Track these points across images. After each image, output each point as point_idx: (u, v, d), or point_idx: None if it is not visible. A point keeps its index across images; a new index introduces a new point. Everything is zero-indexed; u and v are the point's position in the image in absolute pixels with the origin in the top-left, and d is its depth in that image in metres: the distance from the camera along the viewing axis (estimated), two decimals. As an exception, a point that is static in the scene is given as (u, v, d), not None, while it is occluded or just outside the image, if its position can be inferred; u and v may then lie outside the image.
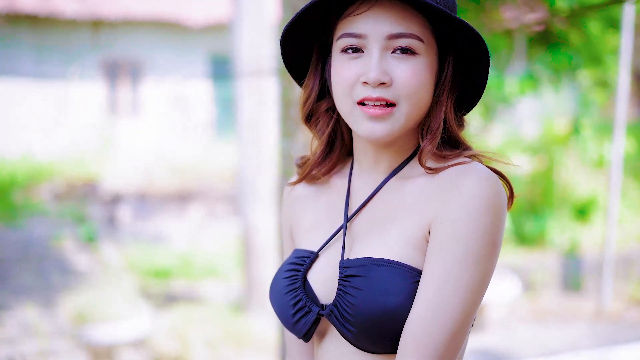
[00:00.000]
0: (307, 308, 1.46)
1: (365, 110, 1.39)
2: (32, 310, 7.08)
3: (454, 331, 1.30)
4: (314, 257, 1.52)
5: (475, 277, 1.31)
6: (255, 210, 7.19)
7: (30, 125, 13.94)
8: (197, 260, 8.70)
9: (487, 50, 1.39)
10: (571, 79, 9.48)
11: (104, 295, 7.33)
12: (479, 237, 1.31)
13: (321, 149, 1.61)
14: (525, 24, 6.18)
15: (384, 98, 1.38)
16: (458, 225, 1.32)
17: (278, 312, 1.53)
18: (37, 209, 10.58)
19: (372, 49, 1.38)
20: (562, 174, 10.05)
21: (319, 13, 1.44)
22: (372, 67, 1.37)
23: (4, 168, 11.96)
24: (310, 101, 1.56)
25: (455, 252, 1.31)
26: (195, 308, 7.31)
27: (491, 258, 1.33)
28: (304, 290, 1.49)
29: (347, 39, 1.41)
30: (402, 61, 1.38)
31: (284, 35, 1.47)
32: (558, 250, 8.70)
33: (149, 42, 15.09)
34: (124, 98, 15.13)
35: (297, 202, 1.69)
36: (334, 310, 1.41)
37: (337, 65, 1.43)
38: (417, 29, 1.38)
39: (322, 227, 1.57)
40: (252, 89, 7.13)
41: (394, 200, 1.46)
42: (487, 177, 1.34)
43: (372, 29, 1.38)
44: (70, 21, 13.83)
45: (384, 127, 1.39)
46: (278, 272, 1.57)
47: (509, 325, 6.96)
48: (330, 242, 1.53)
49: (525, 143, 10.70)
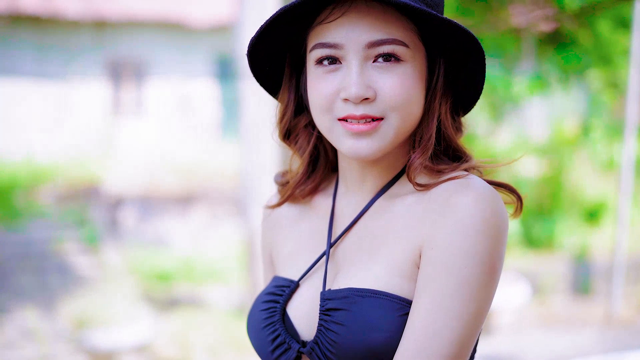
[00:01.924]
0: (287, 344, 1.33)
1: (348, 126, 1.24)
2: (32, 314, 7.06)
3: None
4: (293, 286, 1.38)
5: (471, 308, 1.16)
6: (259, 213, 7.10)
7: (32, 126, 13.94)
8: (200, 263, 8.66)
9: (480, 47, 1.22)
10: (580, 79, 9.42)
11: (105, 299, 7.31)
12: (474, 264, 1.16)
13: (303, 169, 1.47)
14: (534, 23, 6.09)
15: (369, 115, 1.23)
16: (451, 251, 1.17)
17: (256, 347, 1.39)
18: (39, 211, 10.54)
19: (351, 60, 1.23)
20: (571, 177, 9.99)
21: (288, 22, 1.27)
22: (352, 82, 1.22)
23: (5, 170, 11.94)
24: (287, 118, 1.42)
25: (447, 283, 1.16)
26: (198, 312, 7.28)
27: (489, 286, 1.18)
28: (283, 324, 1.35)
29: (321, 49, 1.25)
30: (386, 71, 1.23)
31: (250, 50, 1.31)
32: (567, 254, 8.65)
33: (153, 42, 15.07)
34: (127, 99, 15.11)
35: (277, 225, 1.55)
36: (314, 348, 1.27)
37: (313, 80, 1.28)
38: (400, 34, 1.22)
39: (303, 253, 1.43)
40: (255, 90, 7.06)
41: (382, 222, 1.31)
42: (484, 194, 1.19)
43: (349, 37, 1.22)
44: (72, 21, 13.80)
45: (370, 144, 1.24)
46: (255, 303, 1.44)
47: (517, 330, 6.92)
48: (311, 270, 1.39)
49: (534, 145, 10.60)
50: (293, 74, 1.41)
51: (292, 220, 1.51)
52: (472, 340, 1.18)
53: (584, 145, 9.89)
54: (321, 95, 1.26)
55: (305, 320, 1.34)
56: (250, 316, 1.42)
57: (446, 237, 1.18)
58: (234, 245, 8.99)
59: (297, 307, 1.36)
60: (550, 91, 9.10)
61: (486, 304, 1.19)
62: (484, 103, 8.75)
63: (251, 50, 1.32)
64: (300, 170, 1.48)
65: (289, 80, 1.41)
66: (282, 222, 1.53)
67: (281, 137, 1.46)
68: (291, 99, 1.41)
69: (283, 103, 1.43)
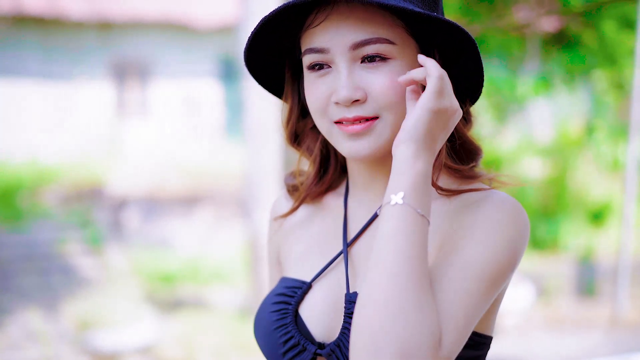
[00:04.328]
0: (301, 346, 1.30)
1: (344, 128, 1.24)
2: (35, 315, 7.06)
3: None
4: (306, 288, 1.36)
5: (480, 288, 1.13)
6: (263, 214, 7.09)
7: (37, 127, 13.94)
8: (204, 265, 8.65)
9: (469, 38, 1.20)
10: (585, 80, 9.40)
11: (109, 300, 7.31)
12: (488, 262, 1.14)
13: (315, 171, 1.47)
14: (538, 23, 6.07)
15: (362, 116, 1.22)
16: (469, 238, 1.16)
17: (265, 351, 1.36)
18: (43, 213, 10.53)
19: (338, 63, 1.23)
20: (576, 178, 9.95)
21: (273, 30, 1.28)
22: (341, 85, 1.22)
23: (9, 170, 11.95)
24: (292, 122, 1.43)
25: (459, 261, 1.14)
26: (202, 314, 7.27)
27: (496, 284, 1.16)
28: (296, 325, 1.33)
29: (310, 55, 1.26)
30: (374, 70, 1.22)
31: (245, 59, 1.33)
32: (572, 255, 8.63)
33: (157, 43, 15.07)
34: (131, 99, 15.11)
35: (286, 225, 1.53)
36: (335, 350, 1.25)
37: (307, 85, 1.29)
38: (384, 32, 1.21)
39: (314, 254, 1.41)
40: (259, 91, 7.04)
41: None
42: (510, 202, 1.20)
43: (333, 40, 1.22)
44: (77, 22, 13.81)
45: (367, 143, 1.24)
46: (264, 304, 1.41)
47: (522, 332, 6.89)
48: (325, 271, 1.37)
49: (539, 146, 10.57)
50: (294, 78, 1.41)
51: (302, 221, 1.50)
52: (472, 321, 1.13)
53: (588, 146, 9.86)
54: (315, 100, 1.27)
55: (319, 321, 1.32)
56: (259, 318, 1.40)
57: (466, 230, 1.17)
58: (238, 247, 8.98)
59: (311, 309, 1.34)
60: (554, 92, 9.10)
61: (488, 294, 1.15)
62: (488, 104, 8.74)
63: (247, 59, 1.33)
64: (312, 173, 1.47)
65: (291, 84, 1.41)
66: (291, 223, 1.52)
67: (288, 140, 1.46)
68: (295, 103, 1.42)
69: (287, 107, 1.43)
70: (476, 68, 1.26)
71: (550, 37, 8.49)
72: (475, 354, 1.27)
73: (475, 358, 1.28)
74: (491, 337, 1.31)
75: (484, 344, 1.28)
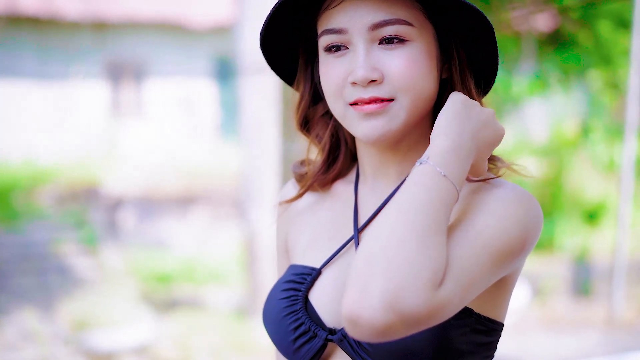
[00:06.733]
0: (312, 332, 1.30)
1: (359, 108, 1.24)
2: (31, 315, 7.04)
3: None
4: (315, 274, 1.35)
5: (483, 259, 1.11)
6: (259, 214, 7.09)
7: (32, 127, 13.92)
8: (200, 265, 8.64)
9: (488, 23, 1.22)
10: (581, 80, 9.40)
11: (105, 300, 7.29)
12: (497, 233, 1.13)
13: (323, 158, 1.47)
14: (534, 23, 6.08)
15: (378, 97, 1.23)
16: (482, 213, 1.15)
17: (275, 338, 1.35)
18: (38, 213, 10.52)
19: (356, 43, 1.23)
20: (571, 178, 9.94)
21: (293, 11, 1.29)
22: (358, 65, 1.22)
23: (5, 171, 11.93)
24: (302, 108, 1.43)
25: (465, 228, 1.12)
26: (198, 314, 7.26)
27: (500, 260, 1.14)
28: (306, 312, 1.32)
29: (328, 36, 1.26)
30: (392, 52, 1.23)
31: (261, 42, 1.33)
32: (568, 255, 8.62)
33: (153, 43, 15.07)
34: (127, 100, 15.11)
35: (294, 212, 1.53)
36: (346, 335, 1.25)
37: (323, 67, 1.29)
38: (403, 13, 1.22)
39: (323, 241, 1.41)
40: (255, 91, 7.06)
41: None
42: (522, 192, 1.20)
43: (352, 21, 1.23)
44: (72, 23, 13.80)
45: (382, 123, 1.24)
46: (273, 291, 1.40)
47: (518, 332, 6.88)
48: (335, 258, 1.36)
49: (534, 146, 10.58)
50: (308, 64, 1.42)
51: (310, 208, 1.49)
52: (474, 285, 1.11)
53: (584, 146, 9.86)
54: (331, 81, 1.27)
55: (329, 308, 1.31)
56: (268, 306, 1.39)
57: (479, 206, 1.16)
58: (234, 247, 8.97)
59: (321, 295, 1.33)
60: (550, 92, 9.10)
61: (494, 269, 1.14)
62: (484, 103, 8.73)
63: (263, 43, 1.34)
64: (320, 160, 1.47)
65: (304, 70, 1.42)
66: (300, 210, 1.51)
67: (298, 126, 1.46)
68: (307, 89, 1.42)
69: (299, 92, 1.44)
70: (491, 53, 1.28)
71: (545, 37, 8.51)
72: (488, 340, 1.29)
73: (487, 344, 1.29)
74: (502, 324, 1.32)
75: (495, 330, 1.29)
